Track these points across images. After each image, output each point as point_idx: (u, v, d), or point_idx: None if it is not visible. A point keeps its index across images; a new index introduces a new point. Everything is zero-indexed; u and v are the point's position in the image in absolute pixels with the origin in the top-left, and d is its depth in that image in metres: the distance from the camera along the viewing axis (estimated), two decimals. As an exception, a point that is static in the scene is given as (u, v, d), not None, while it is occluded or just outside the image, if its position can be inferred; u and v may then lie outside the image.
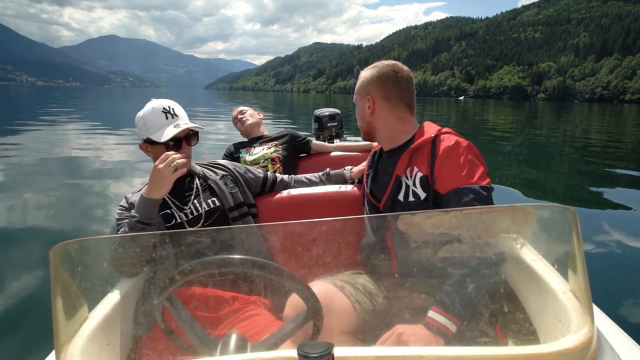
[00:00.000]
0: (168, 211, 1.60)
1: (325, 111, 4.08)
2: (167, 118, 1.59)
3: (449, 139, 1.35)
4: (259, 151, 2.69)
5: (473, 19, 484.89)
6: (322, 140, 4.67)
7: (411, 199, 1.36)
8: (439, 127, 1.44)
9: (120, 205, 1.61)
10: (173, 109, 1.62)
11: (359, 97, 1.53)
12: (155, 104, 1.62)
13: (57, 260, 0.93)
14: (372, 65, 1.53)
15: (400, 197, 1.39)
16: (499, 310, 1.01)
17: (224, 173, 1.80)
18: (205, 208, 1.64)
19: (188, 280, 0.89)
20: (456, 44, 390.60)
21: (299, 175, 2.06)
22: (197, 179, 1.70)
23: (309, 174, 2.06)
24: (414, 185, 1.35)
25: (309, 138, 2.98)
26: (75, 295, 1.05)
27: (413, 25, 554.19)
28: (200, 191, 1.66)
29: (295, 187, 1.99)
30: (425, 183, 1.33)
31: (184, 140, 1.63)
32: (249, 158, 2.70)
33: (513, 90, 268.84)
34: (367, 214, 1.60)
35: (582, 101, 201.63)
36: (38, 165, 7.76)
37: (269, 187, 1.95)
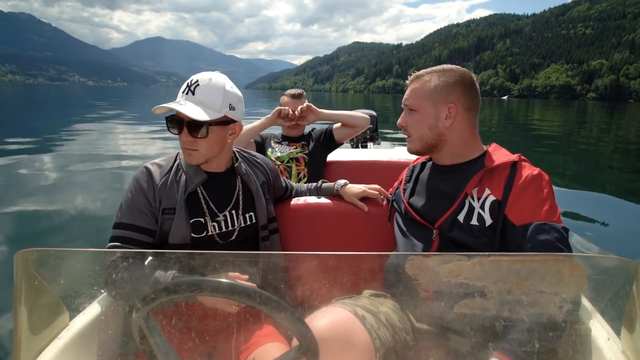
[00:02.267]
0: (201, 220, 1.36)
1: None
2: (182, 92, 1.31)
3: (531, 168, 1.23)
4: (286, 150, 2.49)
5: (519, 16, 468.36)
6: (355, 143, 4.59)
7: (474, 222, 1.21)
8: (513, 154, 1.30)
9: (136, 181, 1.34)
10: (195, 85, 1.30)
11: (431, 104, 1.31)
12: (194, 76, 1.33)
13: (23, 268, 0.85)
14: (445, 69, 1.32)
15: (461, 217, 1.24)
16: None
17: (264, 179, 1.58)
18: (240, 224, 1.43)
19: (164, 301, 0.77)
20: (500, 41, 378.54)
21: (301, 185, 1.86)
22: (239, 181, 1.47)
23: (305, 185, 1.86)
24: (482, 208, 1.21)
25: (327, 127, 2.60)
26: (45, 309, 0.94)
27: (455, 23, 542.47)
28: (241, 200, 1.45)
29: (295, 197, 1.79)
30: (496, 209, 1.19)
31: (186, 126, 1.29)
32: (274, 155, 2.48)
33: (561, 89, 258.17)
34: (400, 231, 1.43)
35: (638, 101, 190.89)
36: (85, 161, 8.14)
37: (285, 197, 1.77)
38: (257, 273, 0.95)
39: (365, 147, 4.47)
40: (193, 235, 1.34)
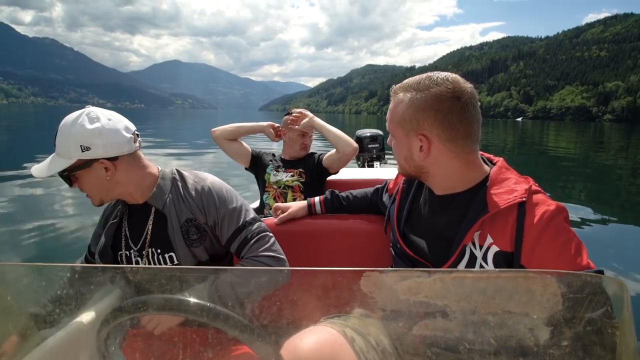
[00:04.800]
0: (126, 253, 1.26)
1: (367, 132, 3.86)
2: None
3: (546, 203, 0.97)
4: (283, 177, 2.44)
5: (532, 38, 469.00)
6: (361, 162, 4.53)
7: None
8: (523, 178, 1.04)
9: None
10: (55, 135, 1.16)
11: (403, 132, 1.07)
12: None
13: None
14: (421, 85, 1.03)
15: (461, 267, 1.03)
16: None
17: (191, 217, 1.25)
18: (158, 263, 1.23)
19: (119, 322, 0.70)
20: (514, 64, 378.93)
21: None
22: (152, 215, 1.25)
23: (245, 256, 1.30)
24: (484, 259, 1.00)
25: (322, 153, 2.48)
26: (12, 327, 0.88)
27: (468, 45, 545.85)
28: (149, 237, 1.24)
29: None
30: (501, 260, 0.98)
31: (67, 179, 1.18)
32: (272, 179, 2.44)
33: (576, 111, 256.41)
34: (395, 252, 1.25)
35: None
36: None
37: (235, 248, 1.28)
38: (227, 289, 0.78)
39: (372, 166, 4.43)
40: (116, 252, 1.27)
